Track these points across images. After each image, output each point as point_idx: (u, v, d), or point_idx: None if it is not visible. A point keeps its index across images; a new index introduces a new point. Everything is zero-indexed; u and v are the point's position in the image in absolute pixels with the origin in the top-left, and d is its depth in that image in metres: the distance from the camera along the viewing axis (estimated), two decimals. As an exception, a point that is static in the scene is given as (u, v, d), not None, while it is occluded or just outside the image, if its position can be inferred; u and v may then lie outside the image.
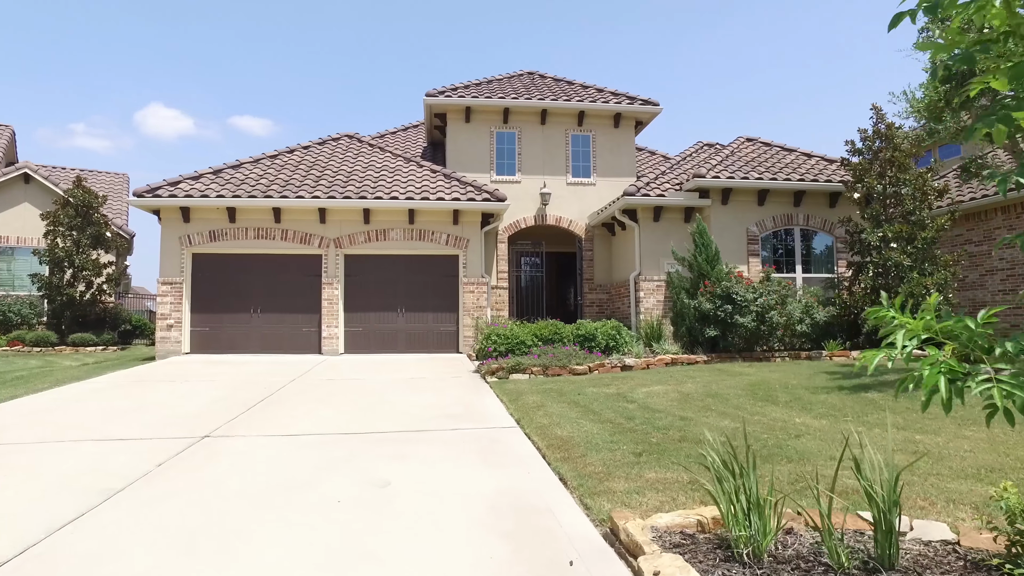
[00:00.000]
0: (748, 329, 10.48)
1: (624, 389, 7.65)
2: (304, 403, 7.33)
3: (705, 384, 7.92)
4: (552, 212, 16.25)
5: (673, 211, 14.15)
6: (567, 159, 16.52)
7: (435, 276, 14.30)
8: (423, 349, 14.03)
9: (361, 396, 7.85)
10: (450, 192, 14.08)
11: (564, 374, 9.44)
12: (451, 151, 16.30)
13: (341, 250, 13.89)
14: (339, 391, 8.26)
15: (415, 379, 9.46)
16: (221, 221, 13.57)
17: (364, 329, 14.01)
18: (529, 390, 7.80)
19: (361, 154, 16.28)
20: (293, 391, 8.25)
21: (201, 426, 5.96)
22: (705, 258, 11.60)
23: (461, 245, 14.18)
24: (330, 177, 14.46)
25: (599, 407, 6.50)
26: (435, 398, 7.69)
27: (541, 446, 5.03)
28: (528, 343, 10.19)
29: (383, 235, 14.01)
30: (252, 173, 14.37)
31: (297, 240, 13.76)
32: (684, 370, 9.57)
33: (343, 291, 13.90)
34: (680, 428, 5.41)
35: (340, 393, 8.09)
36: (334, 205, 13.44)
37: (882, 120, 12.35)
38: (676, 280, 11.98)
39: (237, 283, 13.74)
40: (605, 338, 11.05)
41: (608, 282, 16.31)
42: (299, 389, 8.43)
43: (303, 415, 6.58)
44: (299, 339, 13.79)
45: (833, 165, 14.77)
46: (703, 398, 6.95)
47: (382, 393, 8.06)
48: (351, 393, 8.11)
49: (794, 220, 14.15)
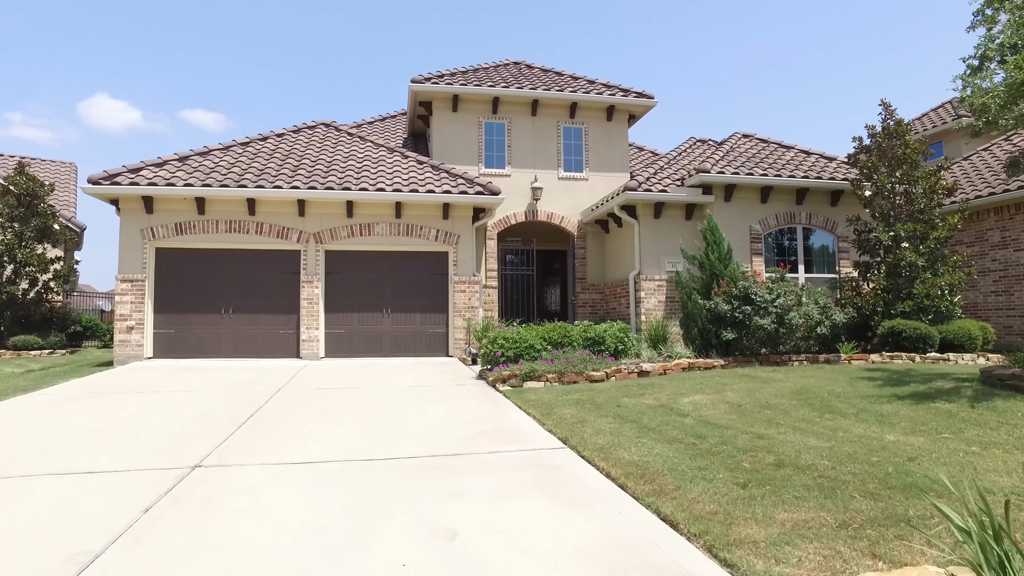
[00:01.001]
0: (767, 332, 9.90)
1: (663, 399, 6.91)
2: (304, 419, 6.34)
3: (747, 392, 7.25)
4: (543, 208, 15.47)
5: (674, 208, 13.54)
6: (559, 152, 15.76)
7: (424, 274, 13.35)
8: (410, 352, 13.07)
9: (366, 409, 6.90)
10: (440, 184, 13.15)
11: (581, 381, 8.67)
12: (437, 142, 15.35)
13: (322, 246, 12.80)
14: (338, 403, 7.28)
15: (417, 387, 8.53)
16: (189, 212, 12.33)
17: (347, 331, 12.96)
18: (555, 401, 6.98)
19: (340, 143, 15.18)
20: (285, 403, 7.24)
21: (187, 452, 4.95)
22: (717, 256, 11.00)
23: (451, 241, 13.27)
24: (309, 167, 13.34)
25: (652, 422, 5.73)
26: (451, 411, 6.80)
27: (615, 474, 4.23)
28: (537, 347, 9.38)
29: (367, 230, 12.98)
30: (223, 161, 13.15)
31: (274, 234, 12.62)
32: (707, 376, 8.91)
33: (324, 290, 12.82)
34: (766, 449, 4.68)
35: (341, 405, 7.11)
36: (315, 196, 12.35)
37: (891, 116, 11.98)
38: (685, 280, 11.34)
39: (207, 281, 12.51)
40: (614, 341, 10.32)
41: (601, 281, 15.63)
42: (291, 401, 7.41)
43: (308, 435, 5.61)
44: (276, 342, 12.65)
45: (833, 163, 14.42)
46: (758, 409, 6.26)
47: (388, 405, 7.12)
48: (353, 405, 7.15)
49: (796, 218, 13.72)
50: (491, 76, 15.97)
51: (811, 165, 14.15)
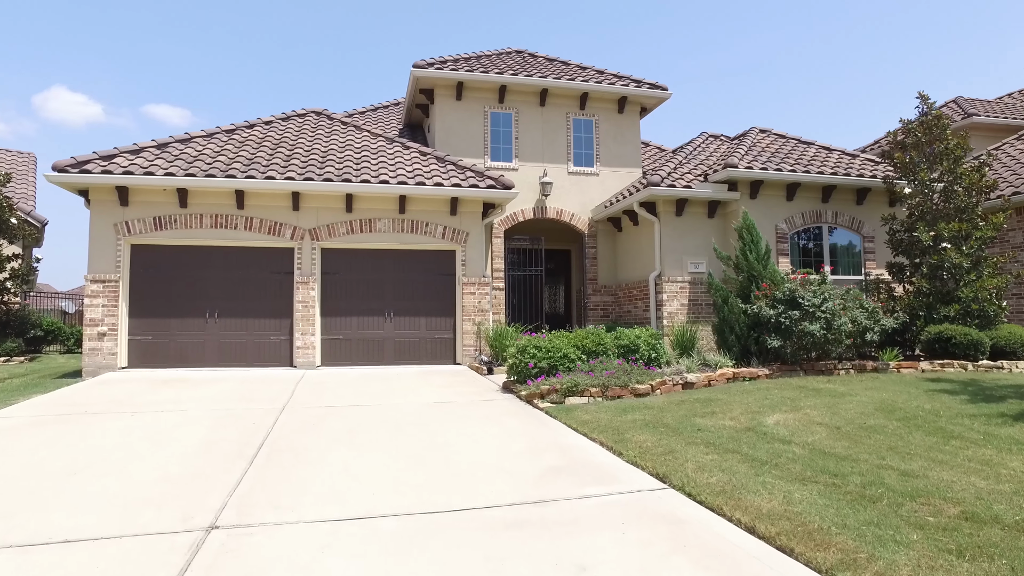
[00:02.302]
0: (815, 338, 9.10)
1: (742, 419, 6.01)
2: (326, 447, 5.28)
3: (828, 409, 6.39)
4: (552, 204, 14.53)
5: (697, 205, 12.72)
6: (568, 146, 14.83)
7: (429, 275, 12.29)
8: (415, 360, 11.99)
9: (396, 434, 5.85)
10: (448, 177, 12.11)
11: (626, 395, 7.73)
12: (439, 132, 14.28)
13: (318, 243, 11.65)
14: (359, 426, 6.22)
15: (441, 404, 7.50)
16: (169, 205, 11.06)
17: (345, 337, 11.82)
18: (617, 422, 6.03)
19: (335, 132, 14.01)
20: (295, 427, 6.15)
21: (196, 503, 3.86)
22: (756, 257, 10.19)
23: (460, 239, 12.23)
24: (302, 156, 12.17)
25: (754, 451, 4.82)
26: (499, 437, 5.80)
27: (763, 531, 3.29)
28: (572, 357, 8.42)
29: (368, 226, 11.87)
30: (206, 149, 11.90)
31: (265, 230, 11.42)
32: (760, 388, 8.05)
33: (320, 292, 11.67)
34: (933, 493, 3.79)
35: (362, 429, 6.05)
36: (312, 188, 11.20)
37: (930, 109, 11.33)
38: (718, 283, 10.51)
39: (189, 281, 11.26)
40: (648, 349, 9.42)
41: (613, 283, 14.75)
42: (301, 423, 6.32)
43: (341, 471, 4.56)
44: (266, 349, 11.45)
45: (857, 160, 13.76)
46: (865, 433, 5.39)
47: (420, 428, 6.09)
48: (377, 428, 6.09)
49: (822, 217, 13.02)
50: (495, 64, 14.96)
51: (835, 162, 13.47)
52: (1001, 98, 21.31)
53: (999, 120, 17.99)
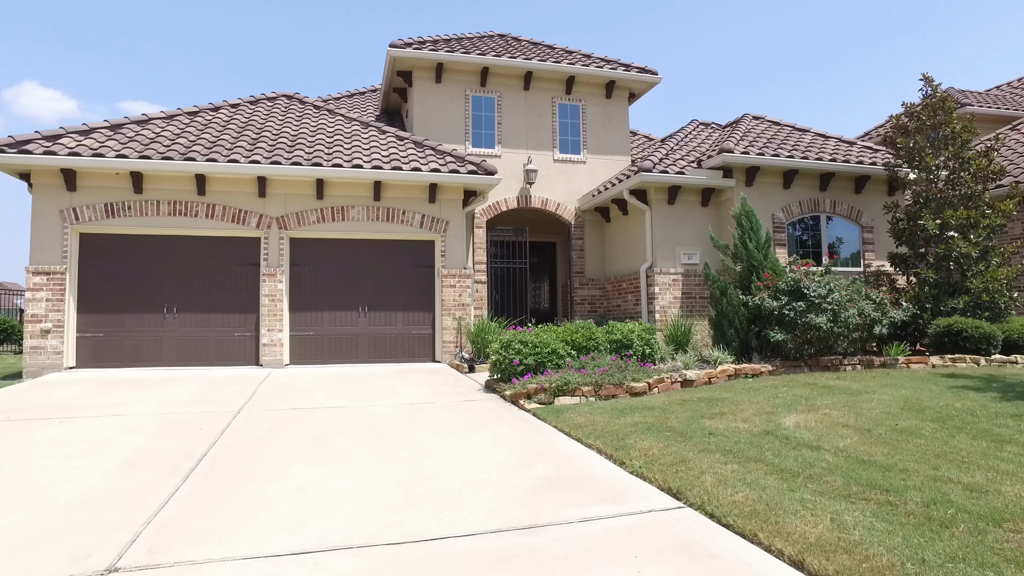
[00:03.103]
0: (822, 332, 8.49)
1: (755, 421, 5.33)
2: (285, 460, 4.50)
3: (849, 409, 5.75)
4: (537, 193, 13.80)
5: (690, 193, 12.08)
6: (554, 132, 14.11)
7: (406, 266, 11.50)
8: (391, 357, 11.20)
9: (369, 441, 5.09)
10: (426, 162, 11.33)
11: (621, 394, 7.04)
12: (417, 116, 13.48)
13: (286, 232, 10.81)
14: (328, 432, 5.44)
15: (419, 406, 6.74)
16: (123, 191, 10.15)
17: (316, 333, 11.00)
18: (615, 425, 5.32)
19: (306, 116, 13.15)
20: (253, 433, 5.36)
21: (100, 536, 3.08)
22: (756, 245, 9.55)
23: (439, 228, 11.46)
24: (270, 140, 11.31)
25: (780, 459, 4.13)
26: (485, 444, 5.07)
27: (821, 570, 2.59)
28: (561, 353, 7.70)
29: (341, 214, 11.05)
30: (165, 131, 10.99)
31: (228, 218, 10.55)
32: (766, 385, 7.41)
33: (288, 285, 10.83)
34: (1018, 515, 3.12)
35: (332, 436, 5.27)
36: (279, 173, 10.36)
37: (935, 91, 10.78)
38: (714, 274, 9.87)
39: (145, 274, 10.36)
40: (642, 344, 8.74)
41: (601, 276, 14.07)
42: (261, 429, 5.53)
43: (294, 493, 3.79)
44: (230, 347, 10.59)
45: (855, 147, 13.23)
46: (900, 436, 4.74)
47: (396, 434, 5.33)
48: (348, 434, 5.32)
49: (820, 206, 12.46)
50: (477, 46, 14.20)
51: (833, 149, 12.92)
52: (990, 90, 21.02)
53: (992, 111, 17.62)
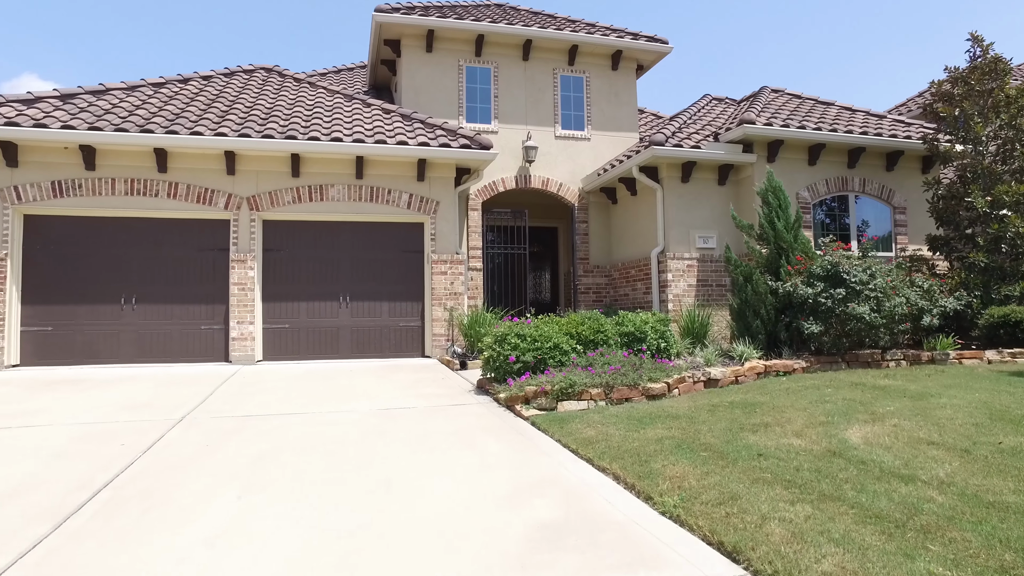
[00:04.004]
0: (865, 323, 7.38)
1: (809, 433, 4.25)
2: (207, 494, 3.45)
3: (921, 418, 4.66)
4: (537, 173, 12.69)
5: (706, 170, 10.96)
6: (555, 106, 12.97)
7: (392, 252, 10.41)
8: (376, 352, 10.15)
9: (323, 465, 4.02)
10: (414, 135, 10.21)
11: (636, 396, 5.97)
12: (407, 90, 12.35)
13: (258, 213, 9.73)
14: (276, 450, 4.38)
15: (398, 413, 5.68)
16: (72, 167, 9.07)
17: (292, 326, 9.93)
18: (632, 441, 4.25)
19: (285, 89, 12.04)
20: (183, 453, 4.30)
21: None
22: (785, 224, 8.44)
23: (428, 209, 10.37)
24: (242, 112, 10.21)
25: (878, 500, 3.06)
26: (471, 469, 4.00)
27: None
28: (564, 348, 6.61)
29: (319, 193, 9.96)
30: (124, 103, 9.88)
31: (193, 198, 9.47)
32: (805, 386, 6.33)
33: (261, 272, 9.76)
34: None
35: (277, 458, 4.21)
36: (249, 147, 9.27)
37: (986, 52, 9.61)
38: (736, 258, 8.77)
39: (100, 261, 9.30)
40: (656, 337, 7.67)
41: (607, 263, 12.97)
42: (196, 445, 4.47)
43: (203, 545, 2.73)
44: (196, 341, 9.54)
45: (885, 120, 12.06)
46: (1011, 458, 3.66)
47: (361, 455, 4.27)
48: (300, 457, 4.25)
49: (848, 185, 11.31)
50: (471, 13, 13.03)
51: (861, 122, 11.76)
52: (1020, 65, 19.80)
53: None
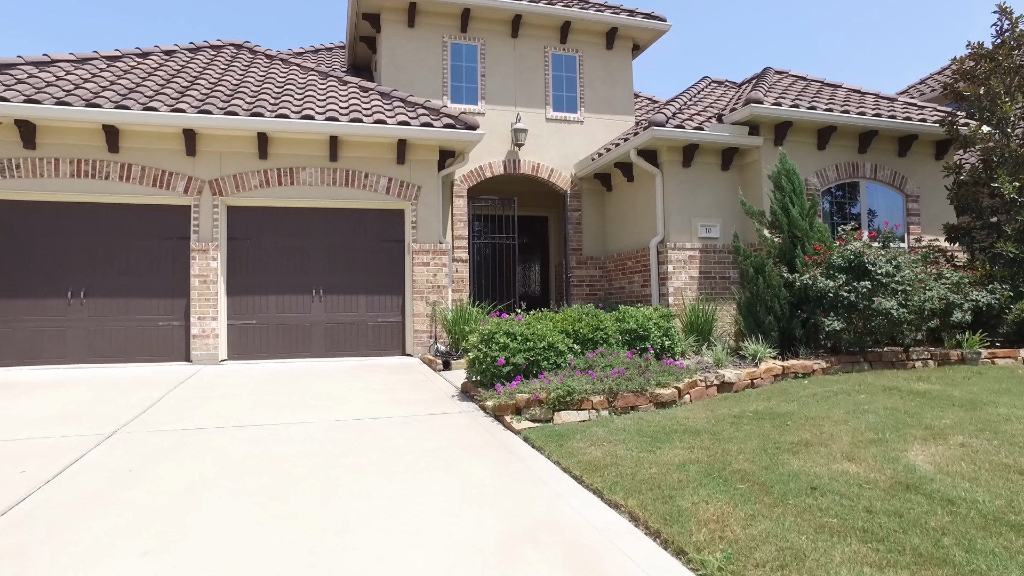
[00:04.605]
0: (892, 318, 6.67)
1: (863, 457, 3.51)
2: (106, 549, 2.64)
3: (991, 434, 3.95)
4: (527, 157, 11.87)
5: (708, 154, 10.21)
6: (546, 87, 12.15)
7: (370, 241, 9.58)
8: (352, 350, 9.32)
9: (264, 498, 3.21)
10: (393, 114, 9.36)
11: (642, 404, 5.21)
12: (387, 67, 11.47)
13: (222, 199, 8.85)
14: (209, 478, 3.56)
15: (366, 424, 4.87)
16: (9, 145, 8.15)
17: (259, 322, 9.08)
18: (650, 467, 3.49)
19: (255, 66, 11.12)
20: (94, 484, 3.47)
21: None
22: (800, 211, 7.71)
23: (409, 195, 9.53)
24: (205, 88, 9.30)
25: (1009, 568, 2.30)
26: (449, 504, 3.21)
27: None
28: (560, 348, 5.84)
29: (289, 177, 9.09)
30: (72, 75, 8.95)
31: (148, 181, 8.57)
32: (834, 391, 5.60)
33: (225, 263, 8.90)
34: None
35: (209, 490, 3.39)
36: (210, 125, 8.38)
37: (1014, 26, 8.91)
38: (744, 248, 8.03)
39: (43, 250, 8.39)
40: (660, 335, 6.91)
41: (601, 253, 12.20)
42: (112, 475, 3.64)
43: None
44: (153, 339, 8.66)
45: (896, 103, 11.38)
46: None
47: (311, 485, 3.46)
48: (237, 487, 3.44)
49: (859, 171, 10.61)
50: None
51: (872, 105, 11.06)
52: None
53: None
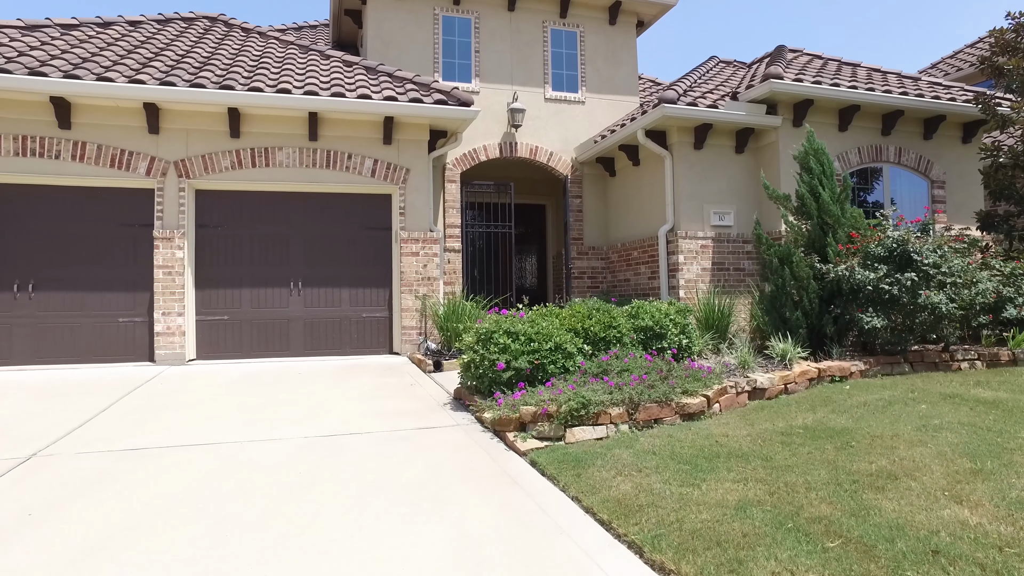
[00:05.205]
0: (942, 315, 5.92)
1: (973, 498, 2.77)
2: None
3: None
4: (525, 140, 11.04)
5: (722, 135, 9.42)
6: (545, 64, 11.31)
7: (354, 228, 8.75)
8: (335, 348, 8.51)
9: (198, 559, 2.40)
10: (379, 88, 8.51)
11: (667, 416, 4.44)
12: (373, 42, 10.58)
13: (189, 181, 7.98)
14: (134, 526, 2.75)
15: (339, 442, 4.07)
16: (-57, 119, 7.25)
17: (232, 317, 8.24)
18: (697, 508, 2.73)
19: (230, 38, 10.23)
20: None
21: None
22: (831, 195, 6.93)
23: (397, 178, 8.70)
24: (171, 60, 8.42)
25: None
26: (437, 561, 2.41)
27: None
28: (570, 350, 5.04)
29: (265, 158, 8.24)
30: (17, 42, 8.03)
31: (106, 162, 7.69)
32: (885, 398, 4.86)
33: (193, 252, 8.05)
34: None
35: (131, 544, 2.58)
36: (175, 99, 7.50)
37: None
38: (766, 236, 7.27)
39: (-18, 236, 7.52)
40: (677, 333, 6.14)
41: (604, 243, 11.41)
42: (6, 519, 2.83)
43: None
44: (113, 337, 7.81)
45: (922, 83, 10.63)
46: None
47: (270, 536, 2.66)
48: (171, 540, 2.63)
49: (883, 155, 9.86)
50: (450, -45, 11.26)
51: (896, 84, 10.30)
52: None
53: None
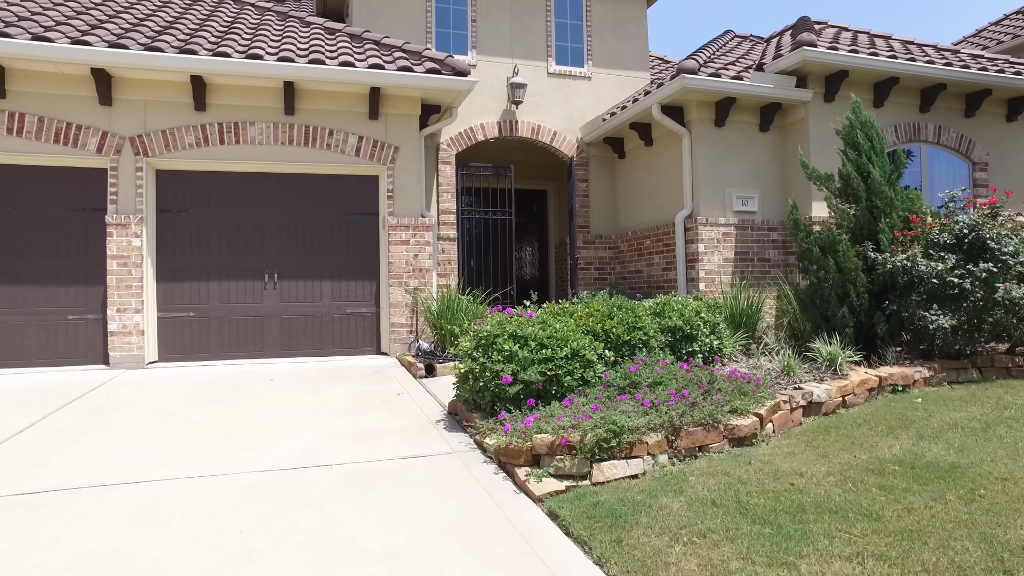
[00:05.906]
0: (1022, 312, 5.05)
1: None
2: None
3: None
4: (526, 118, 10.09)
5: (744, 112, 8.49)
6: (548, 35, 10.34)
7: (336, 214, 7.81)
8: (315, 348, 7.60)
9: None
10: (364, 56, 7.55)
11: (715, 442, 3.57)
12: (360, 11, 9.54)
13: (148, 160, 7.02)
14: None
15: (308, 477, 3.18)
16: None
17: (198, 314, 7.31)
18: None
19: (200, 3, 9.21)
20: None
21: None
22: (882, 174, 6.03)
23: (384, 157, 7.75)
24: (129, 22, 7.43)
25: None
26: None
27: None
28: (590, 357, 4.14)
29: (235, 134, 7.27)
30: (-47, 1, 7.03)
31: (48, 137, 6.72)
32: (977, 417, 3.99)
33: (154, 241, 7.10)
34: None
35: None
36: (129, 63, 6.52)
37: None
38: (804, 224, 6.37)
39: (-95, 221, 6.55)
40: (708, 333, 5.25)
41: (613, 231, 10.49)
42: None
43: None
44: (61, 336, 6.87)
45: (960, 55, 9.71)
46: None
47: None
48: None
49: (921, 133, 8.97)
50: (444, -84, 10.25)
51: (936, 55, 9.39)
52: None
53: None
